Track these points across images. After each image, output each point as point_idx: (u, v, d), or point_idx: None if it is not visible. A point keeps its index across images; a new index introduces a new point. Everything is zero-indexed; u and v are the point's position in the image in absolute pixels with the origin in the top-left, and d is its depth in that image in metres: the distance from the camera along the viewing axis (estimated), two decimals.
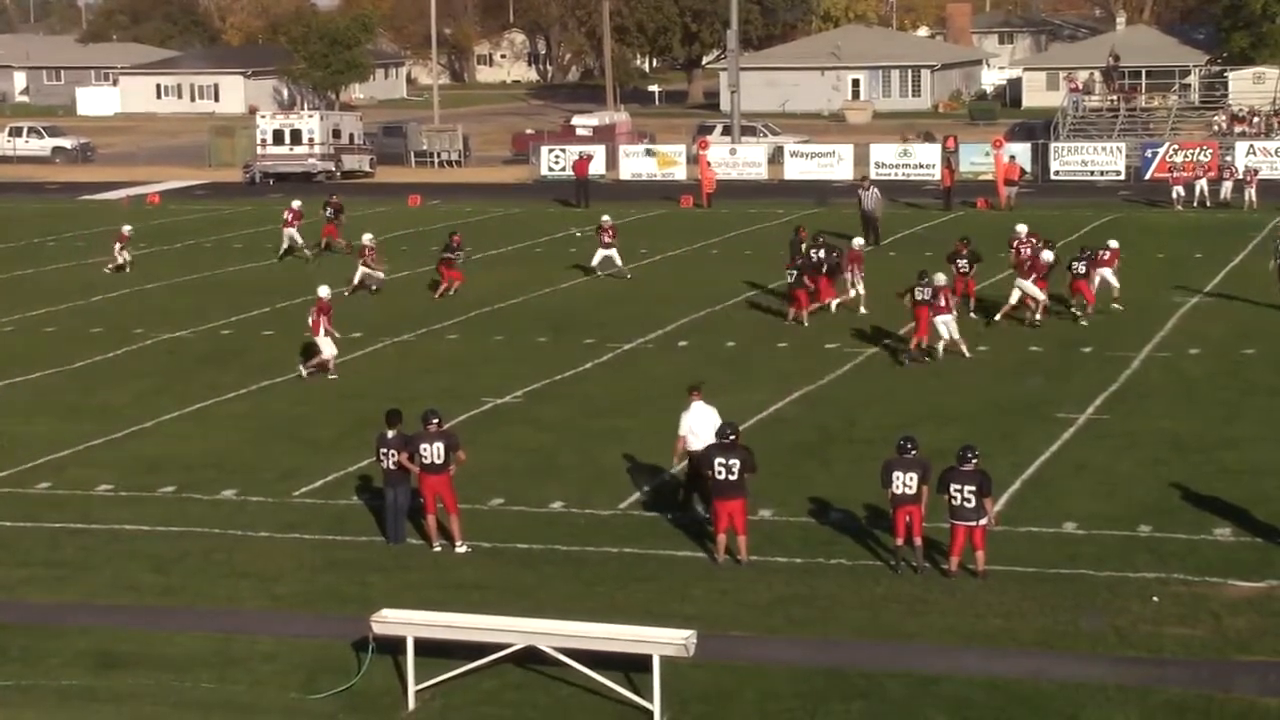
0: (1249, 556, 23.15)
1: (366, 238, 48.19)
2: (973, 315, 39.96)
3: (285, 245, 54.12)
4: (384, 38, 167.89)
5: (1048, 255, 40.27)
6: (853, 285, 41.74)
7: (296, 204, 55.44)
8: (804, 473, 27.87)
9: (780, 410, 32.22)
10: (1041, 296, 39.63)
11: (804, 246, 42.77)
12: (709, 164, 71.55)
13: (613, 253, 47.74)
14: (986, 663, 19.67)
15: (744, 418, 30.86)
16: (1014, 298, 39.90)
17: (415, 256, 53.47)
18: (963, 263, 41.26)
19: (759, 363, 36.73)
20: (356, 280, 46.45)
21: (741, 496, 22.87)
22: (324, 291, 37.15)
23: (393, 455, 24.06)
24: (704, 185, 69.03)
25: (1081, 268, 40.38)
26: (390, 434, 24.26)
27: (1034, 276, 39.76)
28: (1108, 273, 41.47)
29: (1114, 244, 42.49)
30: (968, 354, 36.19)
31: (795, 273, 40.99)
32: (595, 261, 47.93)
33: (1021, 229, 43.57)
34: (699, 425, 24.30)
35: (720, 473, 22.77)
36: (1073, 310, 40.23)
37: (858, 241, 44.02)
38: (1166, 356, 36.43)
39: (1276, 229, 39.06)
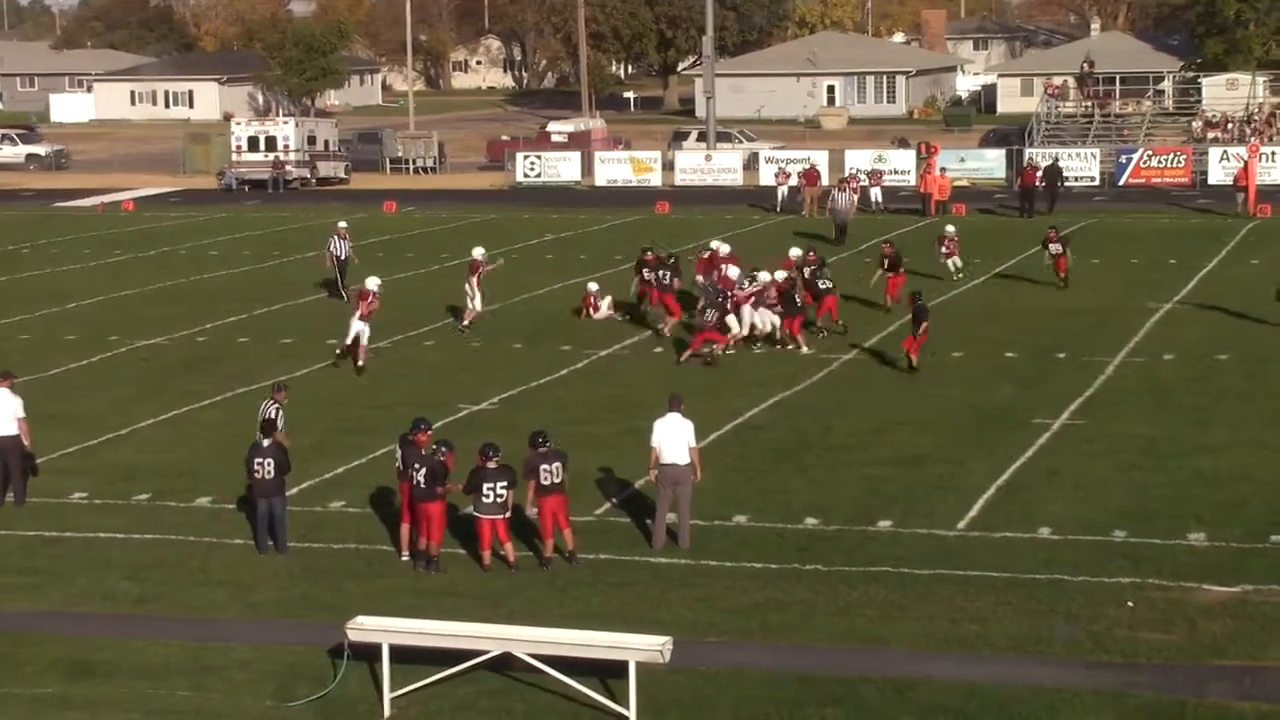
0: (1224, 561, 23.21)
1: (478, 252, 43.25)
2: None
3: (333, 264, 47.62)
4: (359, 44, 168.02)
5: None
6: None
7: (343, 224, 49.44)
8: (779, 479, 27.90)
9: (755, 417, 32.24)
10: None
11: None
12: (942, 171, 68.88)
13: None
14: (962, 668, 19.71)
15: (720, 424, 30.99)
16: None
17: (391, 263, 53.42)
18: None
19: (735, 369, 36.75)
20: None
21: (563, 494, 23.56)
22: (372, 283, 37.80)
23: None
24: (936, 193, 66.13)
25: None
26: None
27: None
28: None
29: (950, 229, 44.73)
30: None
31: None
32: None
33: (950, 229, 45.40)
34: (668, 438, 24.28)
35: (545, 478, 23.39)
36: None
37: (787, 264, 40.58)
38: (1141, 362, 36.53)
39: None
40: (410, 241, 60.31)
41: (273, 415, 26.07)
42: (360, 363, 36.79)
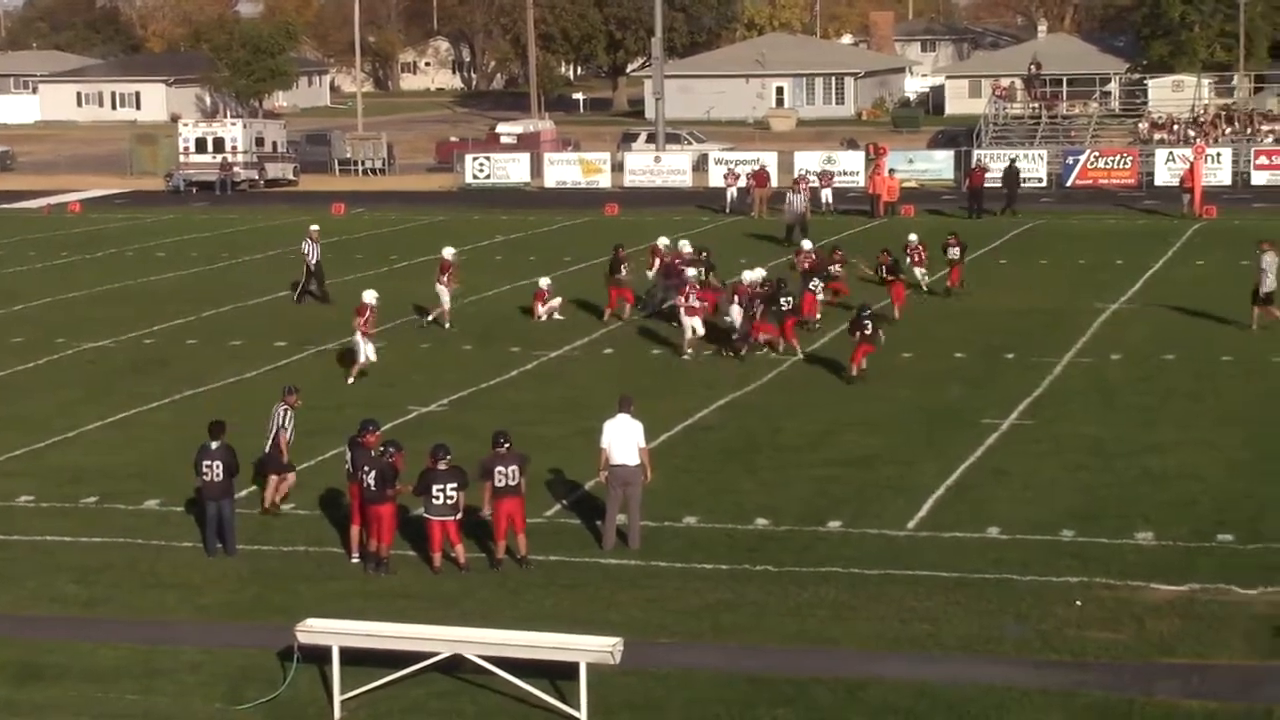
0: (1171, 560, 23.35)
1: (448, 253, 43.94)
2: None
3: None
4: (307, 45, 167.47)
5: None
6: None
7: (315, 227, 48.81)
8: (729, 479, 27.94)
9: (705, 418, 32.28)
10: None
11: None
12: (891, 172, 69.03)
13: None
14: (912, 668, 19.76)
15: (669, 425, 31.02)
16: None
17: (339, 265, 53.26)
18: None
19: (684, 371, 36.79)
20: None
21: (519, 497, 23.48)
22: (369, 297, 37.21)
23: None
24: (884, 194, 66.24)
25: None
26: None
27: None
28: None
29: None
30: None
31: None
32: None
33: (913, 237, 45.60)
34: (618, 439, 24.30)
35: (500, 479, 23.36)
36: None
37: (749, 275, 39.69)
38: (1088, 362, 36.71)
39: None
40: (359, 243, 60.16)
41: (283, 419, 26.06)
42: (351, 380, 36.11)
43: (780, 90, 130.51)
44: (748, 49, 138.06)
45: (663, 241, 45.49)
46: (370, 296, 37.38)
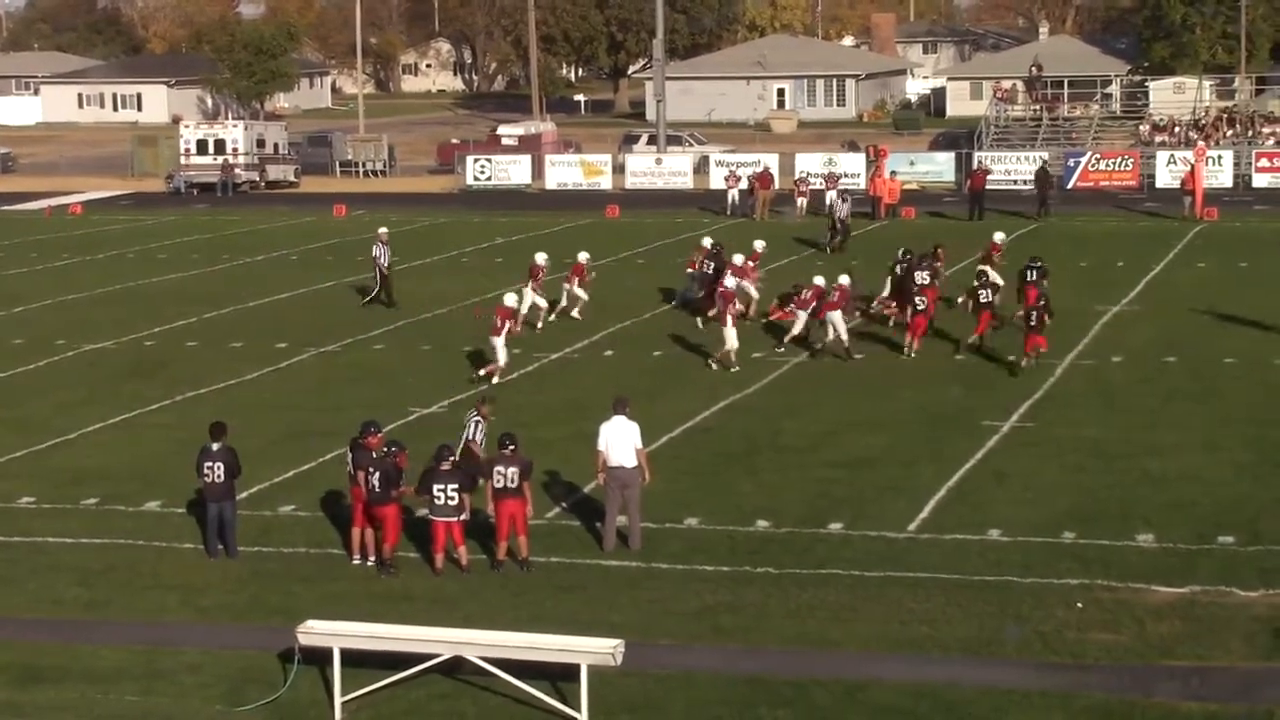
0: (1171, 562, 23.35)
1: (583, 256, 44.50)
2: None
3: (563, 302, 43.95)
4: (309, 47, 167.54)
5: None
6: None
7: (383, 230, 47.67)
8: (730, 481, 27.94)
9: (706, 419, 32.28)
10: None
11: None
12: (892, 174, 68.93)
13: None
14: (912, 669, 19.77)
15: (670, 427, 31.02)
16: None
17: (340, 267, 53.36)
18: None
19: (685, 372, 36.79)
20: (564, 301, 43.29)
21: (521, 499, 23.45)
22: (510, 300, 37.14)
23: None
24: (885, 196, 66.03)
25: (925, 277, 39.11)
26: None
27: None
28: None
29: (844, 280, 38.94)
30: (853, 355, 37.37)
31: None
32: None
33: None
34: (615, 440, 24.33)
35: (499, 481, 23.37)
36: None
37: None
38: (1089, 364, 36.71)
39: None
40: (360, 245, 60.01)
41: (473, 431, 25.83)
42: (494, 379, 35.77)
43: (781, 92, 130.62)
44: (749, 51, 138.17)
45: (707, 242, 45.04)
46: (512, 300, 37.27)
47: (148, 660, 20.55)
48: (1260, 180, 73.74)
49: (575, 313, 42.94)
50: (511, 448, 23.68)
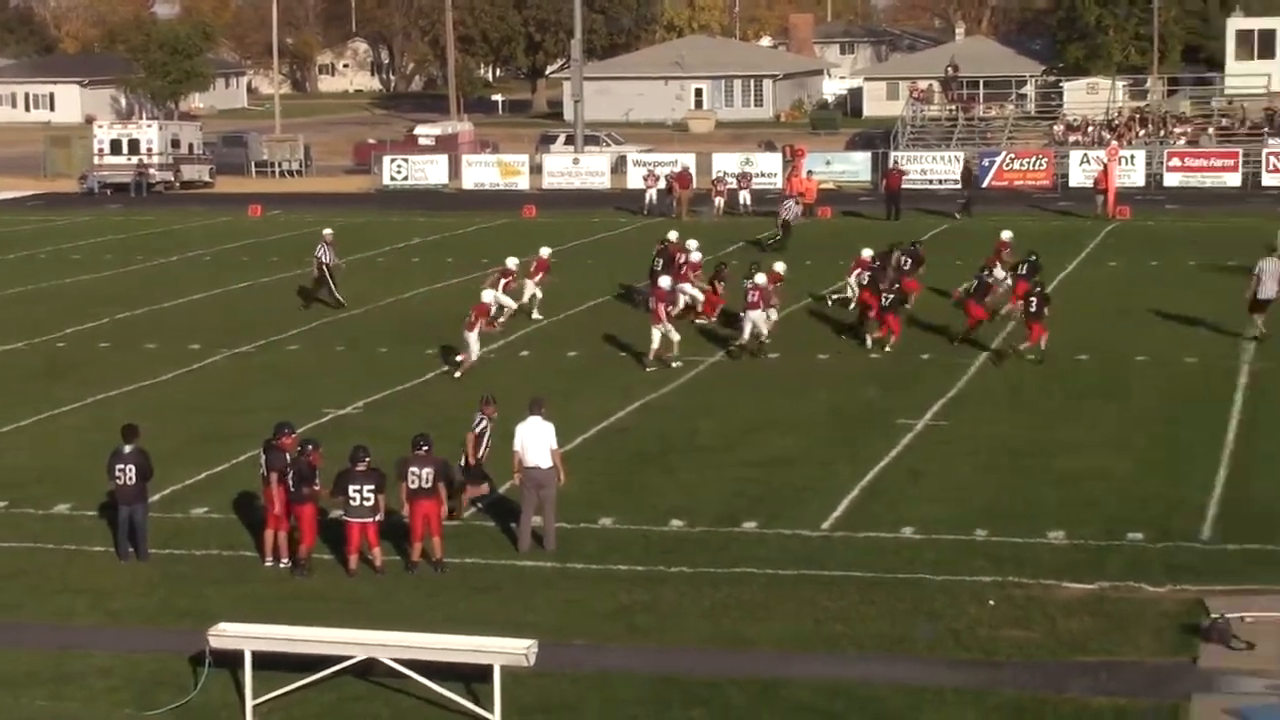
0: (1081, 559, 23.53)
1: (545, 251, 44.33)
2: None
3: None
4: (225, 47, 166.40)
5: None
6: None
7: (328, 231, 46.98)
8: (646, 481, 27.95)
9: (622, 419, 32.28)
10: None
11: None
12: (809, 174, 69.10)
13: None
14: (826, 667, 19.83)
15: (585, 427, 31.00)
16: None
17: (255, 267, 53.08)
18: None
19: (601, 372, 36.78)
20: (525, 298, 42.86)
21: (435, 500, 23.41)
22: (487, 297, 37.86)
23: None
24: (805, 195, 65.45)
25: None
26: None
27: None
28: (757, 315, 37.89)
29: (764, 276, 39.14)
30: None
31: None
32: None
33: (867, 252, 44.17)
34: (530, 441, 24.33)
35: (413, 481, 23.33)
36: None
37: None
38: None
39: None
40: (275, 245, 59.85)
41: (480, 430, 25.62)
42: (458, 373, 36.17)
43: (699, 92, 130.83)
44: (667, 51, 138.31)
45: (695, 256, 44.14)
46: (489, 296, 38.06)
47: (57, 664, 20.36)
48: (1172, 179, 74.43)
49: (536, 313, 42.50)
50: (425, 448, 23.62)
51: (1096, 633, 20.71)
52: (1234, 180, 73.98)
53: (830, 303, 43.91)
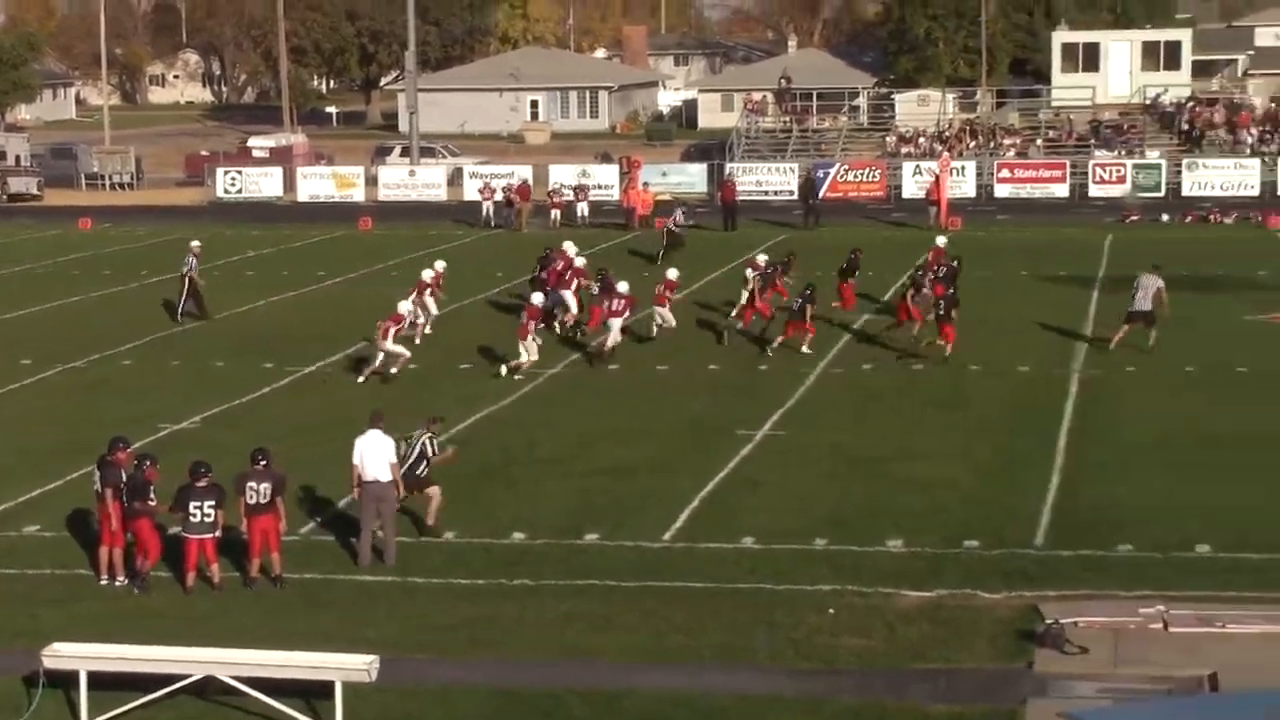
0: (920, 566, 23.79)
1: (434, 268, 43.73)
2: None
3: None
4: (51, 57, 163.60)
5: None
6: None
7: (196, 243, 46.68)
8: (487, 494, 27.88)
9: (462, 432, 32.15)
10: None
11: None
12: (645, 185, 69.99)
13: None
14: (669, 678, 19.88)
15: None
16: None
17: (87, 281, 52.29)
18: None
19: (441, 384, 36.63)
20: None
21: (274, 515, 23.23)
22: (404, 307, 37.89)
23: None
24: (639, 208, 66.64)
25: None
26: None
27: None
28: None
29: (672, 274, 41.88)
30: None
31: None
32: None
33: (762, 259, 44.35)
34: (369, 455, 24.20)
35: (251, 496, 23.15)
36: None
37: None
38: (839, 373, 37.25)
39: None
40: (108, 259, 59.02)
41: (426, 446, 25.26)
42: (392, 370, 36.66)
43: (535, 104, 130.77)
44: (501, 63, 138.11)
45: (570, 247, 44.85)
46: (405, 308, 38.06)
47: None
48: (1002, 190, 75.56)
49: (428, 328, 41.75)
50: (264, 462, 23.40)
51: (935, 640, 20.95)
52: (1062, 191, 75.29)
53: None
